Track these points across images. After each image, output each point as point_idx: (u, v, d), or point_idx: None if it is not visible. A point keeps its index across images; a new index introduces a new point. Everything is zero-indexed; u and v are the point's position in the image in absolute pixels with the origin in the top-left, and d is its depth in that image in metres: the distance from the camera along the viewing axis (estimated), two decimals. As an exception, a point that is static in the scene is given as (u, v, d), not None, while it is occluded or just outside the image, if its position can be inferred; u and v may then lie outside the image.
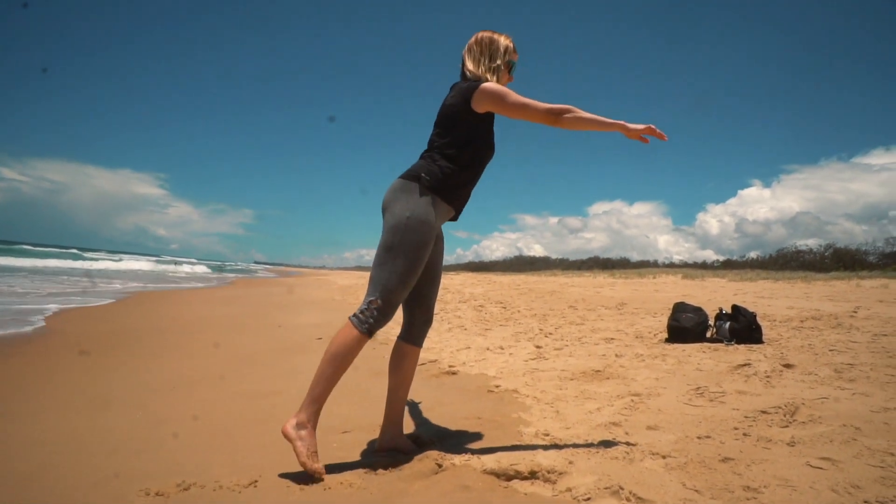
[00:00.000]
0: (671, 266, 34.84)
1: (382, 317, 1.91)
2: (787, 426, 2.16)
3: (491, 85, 1.99)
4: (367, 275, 2.02)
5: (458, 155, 2.00)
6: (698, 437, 2.06)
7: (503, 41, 2.14)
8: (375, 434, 2.15)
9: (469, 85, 2.01)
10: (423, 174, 1.97)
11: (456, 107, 2.01)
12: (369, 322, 1.90)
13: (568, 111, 1.98)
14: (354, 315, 1.92)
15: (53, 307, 6.87)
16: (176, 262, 39.07)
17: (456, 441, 2.17)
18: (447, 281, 19.48)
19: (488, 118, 2.04)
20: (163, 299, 10.12)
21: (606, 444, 2.03)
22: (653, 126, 2.00)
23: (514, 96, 1.98)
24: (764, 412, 2.34)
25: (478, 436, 2.25)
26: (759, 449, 1.93)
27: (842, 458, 1.80)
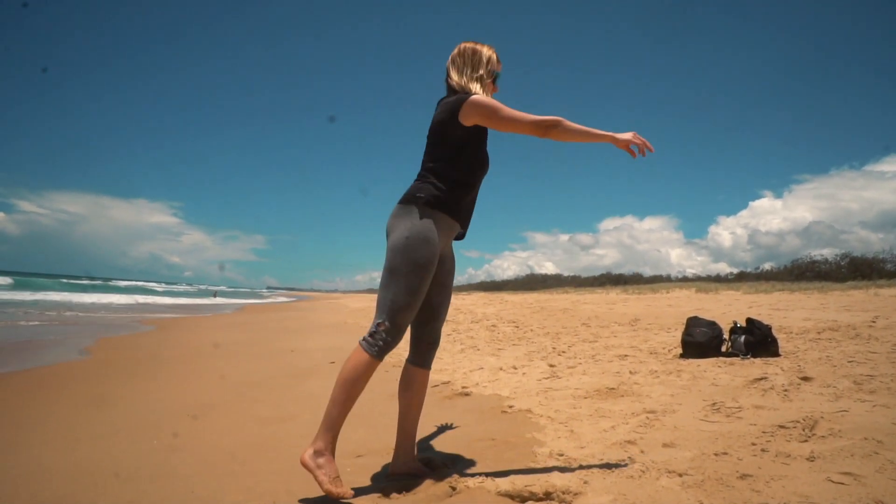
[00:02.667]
0: (684, 280, 34.43)
1: (392, 338, 1.92)
2: (806, 441, 2.13)
3: (479, 97, 1.98)
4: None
5: (450, 171, 2.00)
6: (715, 454, 2.03)
7: (486, 52, 2.13)
8: (389, 458, 2.15)
9: (457, 98, 2.00)
10: (418, 194, 1.97)
11: (444, 123, 2.00)
12: (379, 345, 1.90)
13: (557, 123, 1.96)
14: (364, 339, 1.93)
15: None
16: (215, 294, 39.15)
17: (470, 463, 2.15)
18: (459, 301, 19.43)
19: (478, 132, 2.02)
20: (180, 326, 10.19)
21: (622, 462, 2.01)
22: (635, 133, 1.99)
23: (503, 109, 1.97)
24: (782, 427, 2.30)
25: (492, 457, 2.23)
26: (778, 465, 1.89)
27: (864, 472, 1.77)
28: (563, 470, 1.96)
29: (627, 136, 1.99)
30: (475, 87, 2.07)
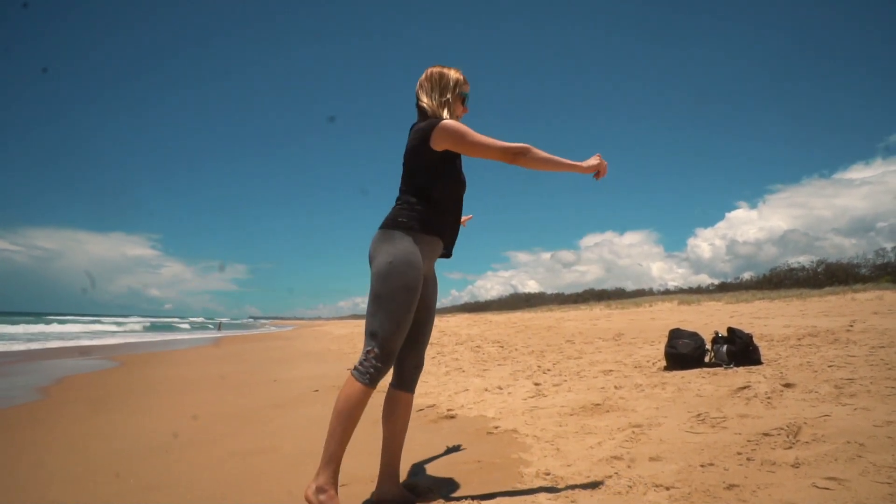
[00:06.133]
0: (667, 293, 34.81)
1: (382, 365, 1.90)
2: (790, 447, 2.13)
3: (448, 123, 1.99)
4: (363, 322, 2.02)
5: (428, 193, 2.01)
6: (701, 466, 2.02)
7: (453, 74, 2.15)
8: (374, 486, 2.09)
9: (428, 123, 2.01)
10: (399, 218, 1.97)
11: (417, 148, 2.01)
12: (370, 372, 1.88)
13: (525, 151, 1.98)
14: (355, 368, 1.91)
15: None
16: (220, 326, 40.08)
17: (455, 487, 2.11)
18: (443, 323, 19.35)
19: (450, 155, 2.04)
20: (160, 358, 9.94)
21: (608, 479, 1.98)
22: (599, 155, 2.06)
23: (472, 135, 1.98)
24: (766, 434, 2.30)
25: (478, 480, 2.19)
26: (764, 473, 1.89)
27: (848, 476, 1.77)
28: (549, 489, 1.94)
29: (592, 161, 2.05)
30: (444, 111, 2.10)
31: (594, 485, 1.94)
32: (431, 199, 2.01)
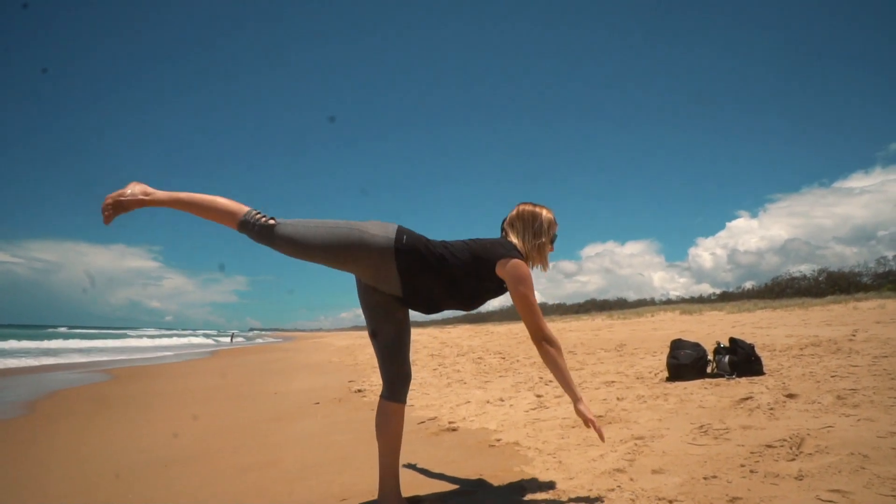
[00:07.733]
0: (668, 303, 34.76)
1: (260, 235, 1.89)
2: (793, 459, 2.11)
3: (522, 270, 1.95)
4: (365, 334, 2.01)
5: (451, 276, 1.95)
6: (704, 478, 2.00)
7: (545, 215, 2.13)
8: (374, 498, 2.08)
9: (510, 253, 1.98)
10: (406, 235, 1.93)
11: (484, 259, 1.97)
12: (251, 223, 1.90)
13: (553, 344, 1.99)
14: (254, 210, 1.93)
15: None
16: (233, 338, 41.53)
17: (457, 501, 2.09)
18: (444, 335, 19.29)
19: (495, 285, 2.01)
20: (156, 372, 9.91)
21: (611, 492, 1.97)
22: (595, 422, 1.91)
23: (529, 291, 1.96)
24: (770, 446, 2.29)
25: (480, 494, 2.18)
26: (768, 485, 1.88)
27: (852, 488, 1.76)
28: (551, 503, 1.92)
29: (589, 414, 1.93)
30: (536, 254, 2.09)
31: (597, 499, 1.92)
32: (443, 268, 1.94)
